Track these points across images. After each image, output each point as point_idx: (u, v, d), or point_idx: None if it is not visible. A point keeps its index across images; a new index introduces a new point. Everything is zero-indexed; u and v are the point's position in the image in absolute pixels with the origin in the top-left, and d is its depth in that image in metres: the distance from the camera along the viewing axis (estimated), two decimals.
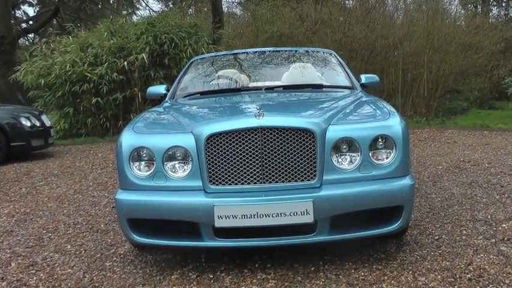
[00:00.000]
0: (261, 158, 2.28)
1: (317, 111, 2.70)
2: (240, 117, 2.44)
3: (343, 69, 3.89)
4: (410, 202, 2.40)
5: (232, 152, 2.29)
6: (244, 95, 3.33)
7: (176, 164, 2.38)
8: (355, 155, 2.35)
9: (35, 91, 9.29)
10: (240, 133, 2.28)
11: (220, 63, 4.23)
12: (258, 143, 2.27)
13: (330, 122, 2.39)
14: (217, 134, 2.30)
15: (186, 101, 3.46)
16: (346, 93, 3.34)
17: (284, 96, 3.29)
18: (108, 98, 8.83)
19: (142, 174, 2.39)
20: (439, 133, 7.56)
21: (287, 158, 2.29)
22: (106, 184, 4.96)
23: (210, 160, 2.30)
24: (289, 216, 2.19)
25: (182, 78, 3.92)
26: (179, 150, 2.36)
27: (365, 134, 2.35)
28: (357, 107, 2.81)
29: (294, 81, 3.66)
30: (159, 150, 2.36)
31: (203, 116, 2.88)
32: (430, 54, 9.60)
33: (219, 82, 3.77)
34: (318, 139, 2.29)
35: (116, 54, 8.92)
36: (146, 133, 2.53)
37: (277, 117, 2.35)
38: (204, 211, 2.24)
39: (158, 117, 2.94)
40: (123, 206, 2.39)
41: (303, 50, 4.55)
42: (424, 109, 9.64)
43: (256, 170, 2.29)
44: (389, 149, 2.38)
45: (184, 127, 2.48)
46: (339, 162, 2.35)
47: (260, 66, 4.08)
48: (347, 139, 2.34)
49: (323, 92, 3.44)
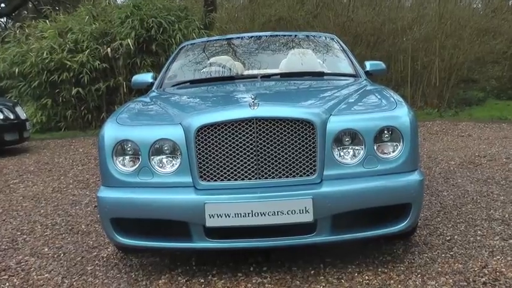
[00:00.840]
0: (256, 151, 2.29)
1: (317, 101, 2.71)
2: (233, 107, 2.44)
3: (346, 55, 3.90)
4: (419, 199, 2.41)
5: (225, 145, 2.30)
6: (238, 84, 3.34)
7: (164, 159, 2.38)
8: (359, 148, 2.36)
9: (8, 81, 9.27)
10: (233, 124, 2.29)
11: (213, 49, 4.23)
12: (253, 135, 2.28)
13: (331, 113, 2.40)
14: (208, 126, 2.30)
15: (175, 90, 3.47)
16: (349, 82, 3.36)
17: (281, 85, 3.30)
18: (90, 88, 8.82)
19: (127, 169, 2.40)
20: (452, 126, 7.59)
21: (284, 151, 2.30)
22: (88, 181, 4.97)
23: (201, 154, 2.31)
24: (287, 214, 2.20)
25: (171, 65, 3.92)
26: (167, 143, 2.37)
27: (369, 125, 2.36)
28: (360, 97, 2.82)
29: (292, 69, 3.68)
30: (145, 143, 2.36)
31: (193, 106, 2.89)
32: (443, 39, 9.61)
33: (210, 70, 3.77)
34: (318, 131, 2.30)
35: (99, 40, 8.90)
36: (131, 125, 2.53)
37: (274, 107, 2.36)
38: (194, 209, 2.24)
39: (144, 108, 2.94)
40: (105, 205, 2.39)
41: (302, 35, 4.55)
42: (436, 100, 9.67)
43: (251, 165, 2.30)
44: (396, 141, 2.39)
45: (172, 118, 2.48)
46: (341, 156, 2.36)
47: (256, 53, 4.08)
48: (350, 131, 2.35)
49: (324, 81, 3.46)
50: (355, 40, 9.60)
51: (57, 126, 9.16)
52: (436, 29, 9.61)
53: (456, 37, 9.69)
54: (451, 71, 9.73)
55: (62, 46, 8.86)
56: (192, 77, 3.72)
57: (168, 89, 3.54)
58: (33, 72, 8.82)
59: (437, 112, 9.13)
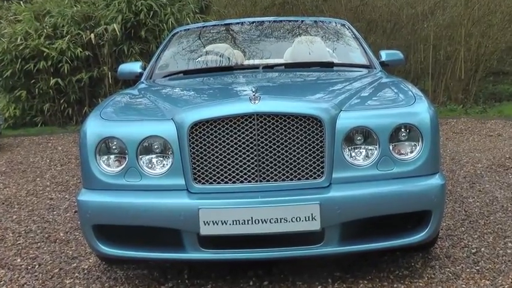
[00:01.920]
0: (257, 151, 2.30)
1: (326, 95, 2.72)
2: (231, 101, 2.46)
3: (359, 44, 3.94)
4: (440, 206, 2.42)
5: (222, 144, 2.31)
6: (238, 75, 3.36)
7: (153, 158, 2.39)
8: (372, 148, 2.37)
9: None
10: (231, 120, 2.30)
11: (209, 35, 4.25)
12: (253, 132, 2.29)
13: (341, 108, 2.41)
14: (203, 122, 2.32)
15: (166, 81, 3.49)
16: (362, 73, 3.38)
17: (286, 77, 3.32)
18: (71, 79, 8.82)
19: (112, 170, 2.41)
20: (479, 124, 7.59)
21: (288, 151, 2.31)
22: (67, 184, 4.98)
23: (195, 153, 2.32)
24: (291, 222, 2.21)
25: (162, 54, 3.94)
26: (157, 141, 2.38)
27: (384, 122, 2.37)
28: (375, 90, 2.83)
29: (298, 59, 3.71)
30: (133, 141, 2.37)
31: (187, 99, 2.90)
32: (469, 26, 9.61)
33: (206, 59, 3.79)
34: (326, 128, 2.31)
35: (81, 24, 8.89)
36: (116, 120, 2.55)
37: (277, 102, 2.38)
38: (187, 215, 2.25)
39: (132, 101, 2.96)
40: (87, 210, 2.40)
41: (310, 21, 4.59)
42: (461, 94, 9.67)
43: (251, 166, 2.31)
44: (414, 141, 2.40)
45: (163, 113, 2.50)
46: (352, 157, 2.37)
47: (257, 40, 4.11)
48: (362, 128, 2.37)
49: (334, 72, 3.48)
50: (369, 27, 9.60)
51: (33, 122, 9.17)
52: (461, 14, 9.61)
53: (485, 23, 9.69)
54: (479, 62, 9.73)
55: (38, 31, 8.87)
56: (185, 67, 3.74)
57: (159, 80, 3.55)
58: (6, 60, 8.82)
59: (462, 108, 9.13)
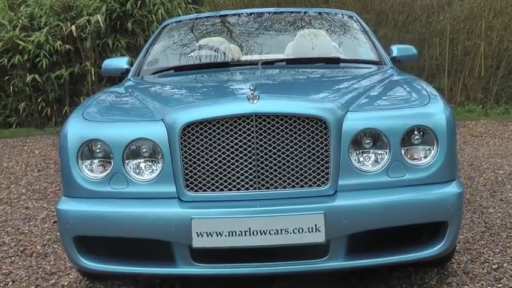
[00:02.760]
0: (256, 155, 2.31)
1: (331, 94, 2.75)
2: (227, 101, 2.48)
3: (368, 38, 3.97)
4: (457, 217, 2.43)
5: (217, 147, 2.32)
6: (234, 72, 3.38)
7: (141, 163, 2.41)
8: (382, 153, 2.39)
9: None
10: (227, 122, 2.31)
11: (203, 28, 4.28)
12: (252, 135, 2.30)
13: (348, 108, 2.42)
14: (196, 123, 2.33)
15: (156, 78, 3.51)
16: (371, 70, 3.41)
17: (287, 74, 3.34)
18: (49, 75, 8.81)
19: (95, 176, 2.42)
20: (501, 126, 7.61)
21: (290, 155, 2.32)
22: (45, 191, 4.98)
23: (187, 158, 2.33)
24: (293, 233, 2.21)
25: (151, 48, 3.97)
26: (145, 144, 2.39)
27: (396, 124, 2.38)
28: (385, 89, 2.85)
29: (301, 54, 3.75)
30: (118, 144, 2.38)
31: (178, 98, 2.92)
32: (490, 18, 9.63)
33: (200, 54, 3.82)
34: (331, 130, 2.32)
35: (60, 15, 8.89)
36: (100, 121, 2.56)
37: (277, 101, 2.39)
38: (179, 226, 2.25)
39: (117, 100, 2.97)
40: (68, 220, 2.41)
41: (314, 12, 4.62)
42: (480, 94, 9.68)
43: (249, 172, 2.32)
44: (428, 144, 2.42)
45: (152, 113, 2.51)
46: (360, 162, 2.39)
47: (256, 33, 4.13)
48: (371, 131, 2.38)
49: (340, 69, 3.52)
50: (379, 19, 9.62)
51: (7, 122, 9.16)
52: (482, 5, 9.63)
53: (508, 15, 9.70)
54: (501, 58, 9.74)
55: (13, 22, 8.86)
56: (177, 62, 3.76)
57: (148, 77, 3.58)
58: None
59: (482, 109, 9.15)
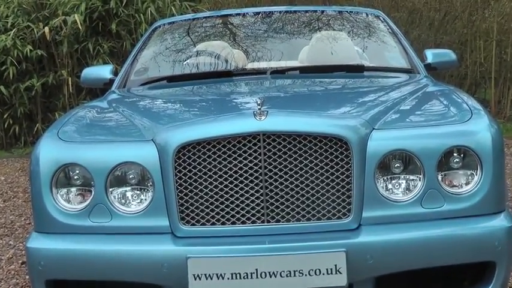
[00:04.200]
0: (264, 182, 2.32)
1: (353, 108, 2.76)
2: (229, 117, 2.50)
3: (398, 41, 3.99)
4: (507, 256, 2.39)
5: (218, 173, 2.33)
6: (239, 82, 3.40)
7: (128, 192, 2.42)
8: (415, 179, 2.38)
9: None
10: (229, 142, 2.32)
11: (201, 31, 4.30)
12: (259, 157, 2.31)
13: (373, 126, 2.43)
14: (193, 144, 2.33)
15: (145, 91, 3.54)
16: (401, 80, 3.42)
17: (301, 85, 3.36)
18: (18, 86, 8.80)
19: (73, 207, 2.42)
20: None
21: (304, 182, 2.32)
22: (12, 226, 4.97)
23: (183, 185, 2.34)
24: (309, 276, 2.20)
25: (139, 54, 3.99)
26: (133, 169, 2.40)
27: (431, 144, 2.39)
28: (418, 102, 2.86)
29: (318, 61, 3.76)
30: (101, 169, 2.39)
31: (172, 114, 2.94)
32: None
33: (198, 61, 3.83)
34: (354, 152, 2.32)
35: (31, 14, 8.92)
36: (79, 142, 2.57)
37: (289, 118, 2.41)
38: (172, 267, 2.26)
39: (99, 117, 2.98)
40: (39, 260, 2.39)
41: (333, 11, 4.64)
42: None
43: (256, 202, 2.32)
44: (470, 168, 2.41)
45: (141, 132, 2.53)
46: (389, 190, 2.39)
47: (264, 37, 4.15)
48: (401, 152, 2.38)
49: (364, 78, 3.53)
50: (411, 18, 9.63)
51: None
52: None
53: None
54: None
55: None
56: (170, 71, 3.79)
57: (136, 89, 3.60)
58: None
59: None
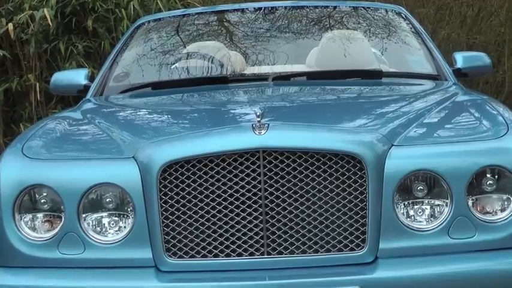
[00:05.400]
0: (263, 206, 2.31)
1: (369, 121, 2.77)
2: (224, 131, 2.51)
3: (422, 42, 4.00)
4: None
5: (210, 196, 2.32)
6: (236, 90, 3.42)
7: (104, 218, 2.42)
8: (441, 204, 2.39)
9: None
10: (223, 160, 2.32)
11: (192, 29, 4.32)
12: (258, 178, 2.31)
13: (393, 142, 2.44)
14: (181, 162, 2.34)
15: (126, 99, 3.55)
16: (426, 88, 3.43)
17: (309, 93, 3.37)
18: None
19: (39, 237, 2.42)
20: None
21: (311, 207, 2.32)
22: None
23: (168, 210, 2.33)
24: None
25: (120, 57, 4.01)
26: (110, 191, 2.41)
27: (460, 163, 2.39)
28: (445, 114, 2.88)
29: (328, 65, 3.75)
30: (73, 191, 2.39)
31: (157, 128, 2.94)
32: None
33: (188, 65, 3.85)
34: (369, 172, 2.32)
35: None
36: (48, 159, 2.58)
37: (293, 132, 2.43)
38: None
39: (72, 130, 3.00)
40: None
41: (347, 6, 4.63)
42: None
43: (254, 230, 2.32)
44: (506, 192, 2.42)
45: (120, 148, 2.54)
46: (410, 217, 2.39)
47: (266, 36, 4.18)
48: (425, 173, 2.39)
49: (383, 86, 3.55)
50: (439, 14, 9.64)
51: None
52: None
53: None
54: None
55: None
56: (155, 77, 3.81)
57: (115, 97, 3.62)
58: None
59: None
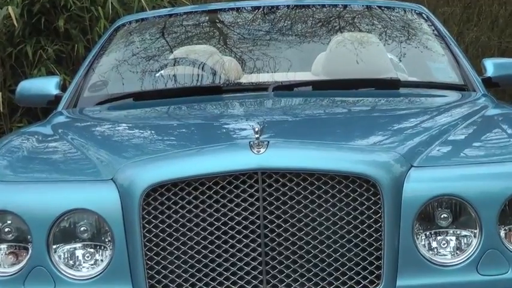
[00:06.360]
0: (262, 236, 2.32)
1: (385, 139, 2.79)
2: (217, 150, 2.53)
3: (447, 46, 4.01)
4: None
5: (200, 224, 2.33)
6: (230, 102, 3.45)
7: (78, 250, 2.42)
8: (469, 235, 2.40)
9: None
10: (216, 183, 2.33)
11: (181, 31, 4.34)
12: (255, 204, 2.31)
13: (412, 162, 2.45)
14: (168, 185, 2.35)
15: (104, 112, 3.56)
16: (450, 100, 3.46)
17: (315, 105, 3.41)
18: None
19: (2, 272, 2.42)
20: None
21: (317, 237, 2.32)
22: None
23: (152, 240, 2.34)
24: None
25: (96, 62, 4.01)
26: (85, 218, 2.41)
27: (491, 188, 2.40)
28: (473, 131, 2.91)
29: (338, 73, 3.75)
30: (41, 218, 2.39)
31: (139, 145, 2.94)
32: None
33: (176, 73, 3.85)
34: (385, 198, 2.33)
35: None
36: (12, 182, 2.58)
37: (297, 151, 2.45)
38: None
39: (41, 147, 3.01)
40: None
41: (360, 5, 4.65)
42: None
43: (252, 264, 2.32)
44: None
45: (97, 169, 2.55)
46: (433, 250, 2.40)
47: (266, 40, 4.19)
48: (450, 199, 2.39)
49: (401, 97, 3.57)
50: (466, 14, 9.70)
51: None
52: None
53: None
54: None
55: None
56: (138, 86, 3.82)
57: (91, 109, 3.62)
58: None
59: None
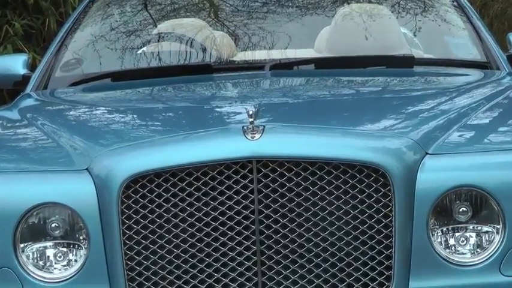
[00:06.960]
0: (257, 233, 2.33)
1: (397, 123, 2.82)
2: (207, 136, 2.55)
3: (468, 20, 4.04)
4: None
5: (187, 219, 2.34)
6: (222, 82, 3.48)
7: (49, 249, 2.42)
8: (491, 231, 2.40)
9: None
10: (205, 174, 2.34)
11: (165, 2, 4.35)
12: (250, 196, 2.32)
13: (427, 149, 2.46)
14: (150, 175, 2.34)
15: (78, 94, 3.59)
16: (471, 80, 3.49)
17: (318, 86, 3.42)
18: None
19: None
20: None
21: (318, 233, 2.34)
22: None
23: (133, 238, 2.35)
24: None
25: (70, 38, 4.04)
26: (57, 213, 2.42)
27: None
28: (497, 114, 2.96)
29: (344, 50, 3.79)
30: (7, 214, 2.40)
31: (118, 131, 2.98)
32: None
33: (160, 50, 3.87)
34: (396, 189, 2.33)
35: None
36: None
37: (296, 137, 2.46)
38: None
39: (6, 134, 3.09)
40: None
41: None
42: None
43: (245, 264, 2.33)
44: None
45: (70, 158, 2.56)
46: (450, 248, 2.40)
47: (262, 13, 4.19)
48: (470, 190, 2.39)
49: (415, 77, 3.60)
50: None
51: None
52: None
53: None
54: None
55: None
56: (117, 64, 3.84)
57: (64, 90, 3.65)
58: None
59: None
